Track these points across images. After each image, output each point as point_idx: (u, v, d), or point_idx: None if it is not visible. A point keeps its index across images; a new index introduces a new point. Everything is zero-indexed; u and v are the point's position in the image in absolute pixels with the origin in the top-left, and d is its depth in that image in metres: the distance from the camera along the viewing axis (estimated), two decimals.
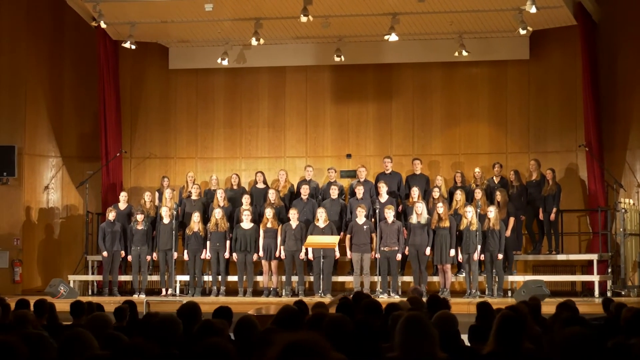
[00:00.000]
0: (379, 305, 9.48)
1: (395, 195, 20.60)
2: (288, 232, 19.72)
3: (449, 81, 22.42)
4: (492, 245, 18.99)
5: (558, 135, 21.81)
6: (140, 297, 19.69)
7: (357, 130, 22.67)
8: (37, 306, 11.66)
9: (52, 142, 22.65)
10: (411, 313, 6.18)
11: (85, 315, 11.94)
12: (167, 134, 23.19)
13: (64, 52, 22.90)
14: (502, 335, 6.63)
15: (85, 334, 5.38)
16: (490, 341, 7.08)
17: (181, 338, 6.71)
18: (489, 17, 20.72)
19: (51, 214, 22.57)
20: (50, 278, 22.00)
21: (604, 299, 12.55)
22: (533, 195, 20.45)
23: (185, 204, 20.72)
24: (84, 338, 5.32)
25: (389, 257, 19.36)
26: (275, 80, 22.98)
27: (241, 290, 20.04)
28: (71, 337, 5.31)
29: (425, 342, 5.98)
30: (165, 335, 6.62)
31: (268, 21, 20.84)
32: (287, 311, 7.69)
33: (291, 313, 7.65)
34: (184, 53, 22.87)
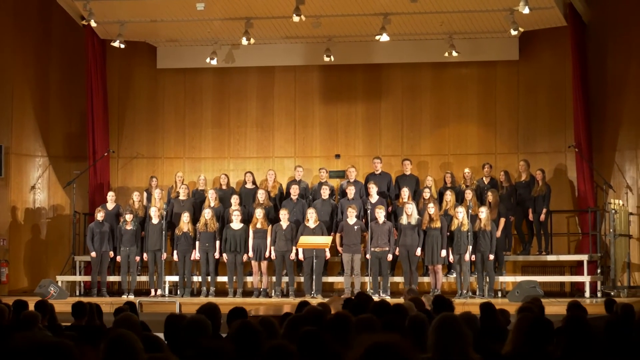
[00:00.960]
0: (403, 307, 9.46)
1: (385, 196, 20.56)
2: (278, 232, 19.64)
3: (439, 82, 22.39)
4: (483, 246, 18.98)
5: (547, 136, 21.82)
6: (129, 297, 19.57)
7: (346, 130, 22.62)
8: (39, 307, 11.53)
9: (39, 141, 22.46)
10: (445, 314, 6.12)
11: (86, 316, 11.87)
12: (154, 133, 23.06)
13: (50, 51, 22.72)
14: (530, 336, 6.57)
15: (131, 336, 5.29)
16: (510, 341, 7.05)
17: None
18: (479, 18, 20.72)
19: (38, 214, 22.39)
20: (36, 278, 21.86)
21: (607, 300, 12.54)
22: (522, 196, 20.45)
23: (174, 204, 20.59)
24: (130, 340, 5.23)
25: (379, 258, 19.32)
26: (263, 80, 22.90)
27: (231, 291, 19.95)
28: (117, 340, 5.22)
29: (459, 342, 5.92)
30: (195, 337, 6.55)
31: (258, 21, 20.76)
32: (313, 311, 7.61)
33: (316, 313, 7.57)
34: (172, 52, 22.76)
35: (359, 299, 11.74)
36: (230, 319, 8.43)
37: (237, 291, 19.87)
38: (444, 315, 6.12)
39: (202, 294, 19.99)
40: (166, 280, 20.27)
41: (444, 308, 11.05)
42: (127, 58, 22.64)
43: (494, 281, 19.21)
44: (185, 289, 20.02)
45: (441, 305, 11.14)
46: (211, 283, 20.02)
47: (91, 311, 12.19)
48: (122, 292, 20.29)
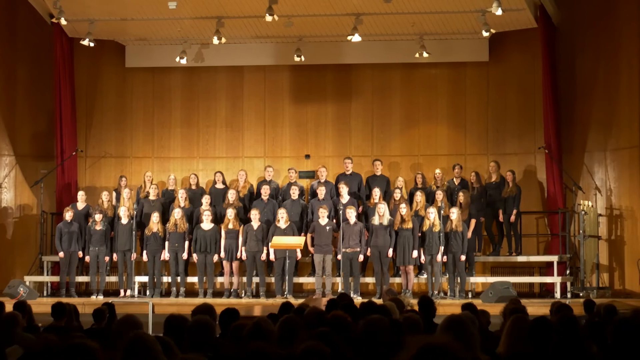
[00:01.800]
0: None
1: (355, 196, 20.54)
2: (249, 232, 19.56)
3: (408, 82, 22.40)
4: (454, 247, 19.03)
5: (517, 137, 21.91)
6: (99, 298, 19.43)
7: (316, 130, 22.58)
8: (18, 307, 11.39)
9: (5, 140, 22.22)
10: (454, 314, 6.10)
11: (66, 316, 11.75)
12: (123, 132, 22.88)
13: (17, 49, 22.47)
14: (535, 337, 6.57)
15: (150, 337, 5.22)
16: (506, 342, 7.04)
17: (215, 341, 6.58)
18: (451, 19, 20.75)
19: (4, 214, 22.15)
20: (2, 279, 21.61)
21: (586, 300, 12.60)
22: (493, 197, 20.51)
23: (144, 204, 20.44)
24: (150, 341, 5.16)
25: (351, 258, 19.29)
26: (233, 80, 22.79)
27: (201, 292, 19.85)
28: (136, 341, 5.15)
29: (468, 343, 5.91)
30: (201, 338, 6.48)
31: (229, 20, 20.67)
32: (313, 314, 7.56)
33: (317, 314, 7.52)
34: (140, 51, 22.60)
35: (342, 299, 11.74)
36: (224, 320, 8.38)
37: (207, 292, 19.77)
38: (453, 315, 6.11)
39: (172, 294, 19.88)
40: (135, 281, 20.09)
41: (429, 309, 11.09)
42: (95, 57, 22.44)
43: (465, 282, 19.23)
44: (155, 290, 19.89)
45: (427, 305, 11.16)
46: (181, 283, 19.89)
47: (69, 312, 12.10)
48: (91, 293, 20.12)
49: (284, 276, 19.37)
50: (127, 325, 6.63)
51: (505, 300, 17.02)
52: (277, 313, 10.49)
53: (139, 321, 6.84)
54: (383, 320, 6.26)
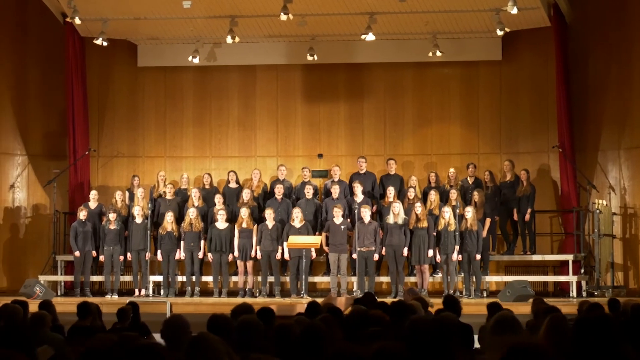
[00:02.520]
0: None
1: (369, 196, 20.52)
2: (264, 232, 19.54)
3: (421, 81, 22.39)
4: (470, 246, 19.01)
5: (530, 136, 21.89)
6: (113, 297, 19.41)
7: (329, 129, 22.55)
8: (44, 307, 11.36)
9: (18, 139, 22.19)
10: (502, 314, 6.08)
11: (91, 316, 11.70)
12: (135, 132, 22.85)
13: (28, 48, 22.43)
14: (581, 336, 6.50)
15: (213, 337, 5.19)
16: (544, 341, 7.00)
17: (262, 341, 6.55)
18: (464, 18, 20.73)
19: (17, 214, 22.12)
20: (15, 278, 21.67)
21: (611, 299, 12.54)
22: (507, 196, 20.49)
23: (160, 204, 20.40)
24: (213, 341, 5.14)
25: (366, 258, 19.27)
26: (245, 79, 22.76)
27: (216, 291, 19.82)
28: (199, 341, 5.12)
29: None
30: (249, 338, 6.45)
31: (243, 19, 20.61)
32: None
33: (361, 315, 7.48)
34: (153, 50, 22.56)
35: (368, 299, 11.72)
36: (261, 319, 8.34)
37: (222, 291, 19.74)
38: (502, 315, 6.09)
39: (187, 294, 19.84)
40: (150, 280, 20.05)
41: (455, 308, 11.05)
42: (107, 56, 22.40)
43: (480, 281, 19.21)
44: (170, 289, 19.85)
45: (453, 305, 11.13)
46: (196, 283, 19.86)
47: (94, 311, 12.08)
48: (105, 292, 20.10)
49: (299, 275, 19.35)
50: (175, 325, 6.59)
51: (523, 300, 17.13)
52: (305, 313, 10.44)
53: (187, 321, 6.80)
54: (454, 318, 6.24)
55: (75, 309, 11.84)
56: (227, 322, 6.98)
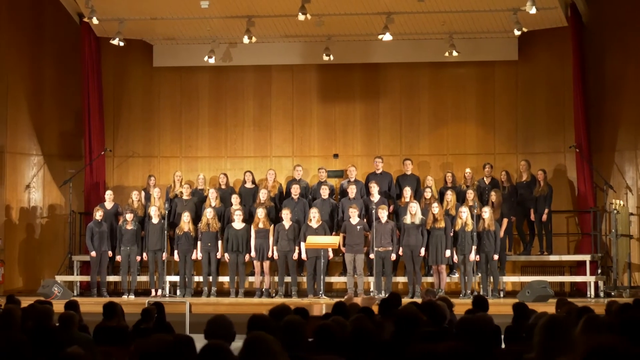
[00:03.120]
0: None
1: (386, 196, 20.49)
2: (281, 232, 19.51)
3: (437, 81, 22.37)
4: (487, 246, 18.97)
5: (546, 137, 21.86)
6: (130, 298, 19.39)
7: (344, 130, 22.53)
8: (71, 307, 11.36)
9: (33, 140, 22.20)
10: (553, 315, 6.05)
11: (117, 316, 11.68)
12: (150, 132, 22.86)
13: (44, 48, 22.45)
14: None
15: (269, 337, 5.17)
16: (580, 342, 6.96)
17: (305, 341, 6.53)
18: (481, 18, 20.71)
19: (32, 214, 22.12)
20: (31, 279, 21.70)
21: (636, 300, 12.50)
22: (523, 196, 20.45)
23: (177, 204, 20.38)
24: (269, 341, 5.11)
25: (383, 258, 19.25)
26: (260, 79, 22.76)
27: (233, 291, 19.79)
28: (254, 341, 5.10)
29: (566, 345, 5.86)
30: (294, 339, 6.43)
31: (259, 19, 20.61)
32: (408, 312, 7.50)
33: (413, 315, 7.44)
34: (168, 51, 22.56)
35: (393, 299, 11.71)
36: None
37: (238, 291, 19.71)
38: (553, 316, 6.06)
39: (204, 294, 19.81)
40: (166, 281, 20.03)
41: (484, 307, 11.06)
42: (122, 56, 22.40)
43: (498, 281, 19.17)
44: (186, 289, 19.82)
45: (482, 304, 11.14)
46: (212, 283, 19.84)
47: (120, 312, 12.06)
48: (121, 292, 20.08)
49: (316, 275, 19.32)
50: (220, 325, 6.56)
51: (543, 300, 17.11)
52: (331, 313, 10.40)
53: (231, 321, 6.78)
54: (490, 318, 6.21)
55: (92, 309, 11.86)
56: (268, 322, 6.96)
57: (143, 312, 12.49)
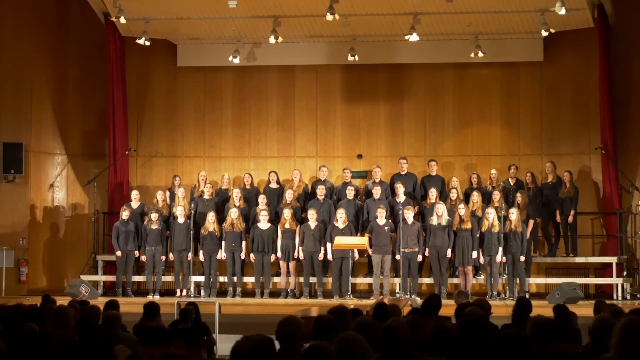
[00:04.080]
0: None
1: (410, 196, 20.45)
2: (307, 232, 19.47)
3: (461, 82, 22.33)
4: (514, 247, 18.92)
5: (571, 138, 21.81)
6: (155, 298, 19.35)
7: (369, 130, 22.50)
8: (112, 306, 11.36)
9: (57, 139, 22.22)
10: (633, 317, 6.01)
11: (157, 316, 11.64)
12: (174, 132, 22.85)
13: (68, 47, 22.48)
14: None
15: (361, 338, 5.15)
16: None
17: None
18: (507, 18, 20.68)
19: (56, 213, 22.13)
20: (55, 278, 21.77)
21: None
22: (549, 198, 20.41)
23: (199, 203, 20.34)
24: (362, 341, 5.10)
25: (409, 259, 19.21)
26: (284, 79, 22.73)
27: (258, 292, 19.74)
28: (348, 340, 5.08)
29: None
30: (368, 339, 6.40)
31: (286, 19, 20.59)
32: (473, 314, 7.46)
33: (478, 316, 7.41)
34: (192, 50, 22.54)
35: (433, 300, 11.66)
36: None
37: (263, 292, 19.67)
38: (633, 317, 6.02)
39: (229, 294, 19.77)
40: (192, 281, 19.99)
41: (528, 308, 11.02)
42: (146, 56, 22.37)
43: (524, 283, 19.12)
44: (211, 290, 19.78)
45: (525, 306, 11.10)
46: (237, 283, 19.80)
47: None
48: (145, 292, 20.06)
49: (341, 276, 19.28)
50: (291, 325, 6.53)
51: (573, 302, 17.03)
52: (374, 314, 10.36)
53: (300, 322, 6.75)
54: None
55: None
56: (332, 323, 6.92)
57: (181, 312, 12.50)
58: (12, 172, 20.93)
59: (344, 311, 7.73)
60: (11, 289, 20.36)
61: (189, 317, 12.38)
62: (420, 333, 7.35)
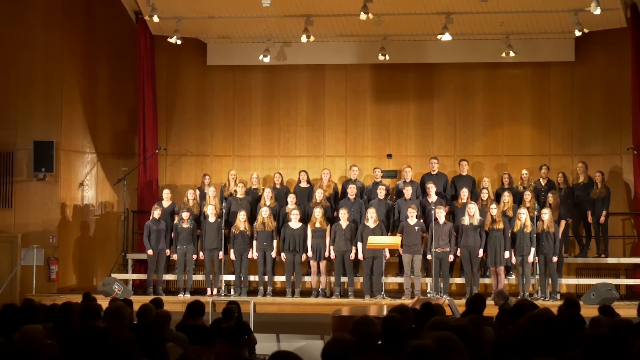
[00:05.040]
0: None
1: (441, 196, 20.41)
2: (338, 232, 19.44)
3: (491, 82, 22.28)
4: (546, 248, 18.85)
5: (602, 138, 21.74)
6: (186, 297, 19.35)
7: (398, 130, 22.47)
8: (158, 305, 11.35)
9: (87, 137, 22.24)
10: None
11: (203, 315, 11.63)
12: (203, 131, 22.86)
13: (98, 46, 22.50)
14: None
15: (457, 337, 5.12)
16: None
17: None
18: (540, 18, 20.63)
19: (86, 211, 22.14)
20: (84, 276, 21.79)
21: None
22: (580, 198, 20.33)
23: (231, 203, 20.32)
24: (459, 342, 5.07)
25: (441, 259, 19.16)
26: (314, 79, 22.72)
27: (289, 291, 19.71)
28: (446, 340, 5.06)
29: None
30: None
31: (318, 18, 20.58)
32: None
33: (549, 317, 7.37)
34: (222, 49, 22.55)
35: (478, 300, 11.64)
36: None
37: (294, 291, 19.65)
38: None
39: (259, 293, 19.73)
40: (222, 279, 19.97)
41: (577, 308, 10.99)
42: (176, 54, 22.39)
43: (557, 283, 19.05)
44: (242, 289, 19.77)
45: (574, 306, 11.06)
46: (268, 282, 19.78)
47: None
48: (175, 291, 20.05)
49: (372, 276, 19.25)
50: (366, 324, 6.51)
51: (608, 302, 16.90)
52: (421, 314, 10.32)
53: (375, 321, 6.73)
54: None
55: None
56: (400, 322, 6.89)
57: (224, 312, 12.49)
58: (43, 171, 20.94)
59: (406, 310, 7.69)
60: (41, 287, 20.37)
61: (231, 316, 12.38)
62: (482, 334, 7.30)
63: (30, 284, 20.16)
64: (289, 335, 18.38)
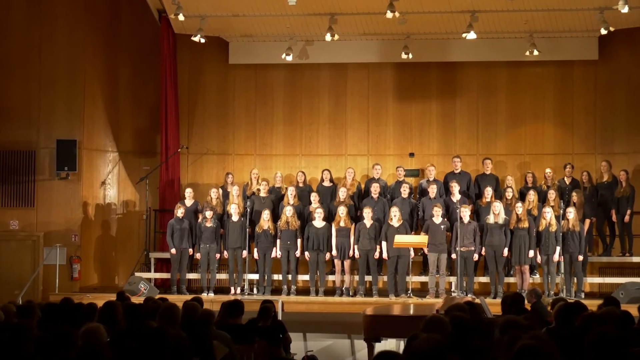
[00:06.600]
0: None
1: (465, 195, 20.36)
2: (362, 231, 19.38)
3: (514, 81, 22.23)
4: (572, 247, 18.80)
5: (625, 137, 21.69)
6: (209, 295, 19.31)
7: (420, 128, 22.42)
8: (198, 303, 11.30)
9: (109, 136, 22.22)
10: None
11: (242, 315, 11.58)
12: (225, 129, 22.83)
13: (120, 44, 22.50)
14: None
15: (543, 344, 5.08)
16: None
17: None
18: (564, 17, 20.59)
19: (108, 210, 22.12)
20: (106, 275, 21.76)
21: None
22: (604, 197, 20.27)
23: (254, 201, 20.27)
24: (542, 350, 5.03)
25: (465, 258, 19.10)
26: (336, 77, 22.68)
27: (312, 290, 19.66)
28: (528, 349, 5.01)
29: None
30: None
31: (342, 17, 20.55)
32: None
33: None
34: (244, 48, 22.51)
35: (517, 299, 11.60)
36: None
37: (318, 290, 19.60)
38: None
39: (283, 292, 19.68)
40: (246, 278, 19.92)
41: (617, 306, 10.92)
42: (198, 53, 22.37)
43: (582, 282, 19.00)
44: (266, 288, 19.72)
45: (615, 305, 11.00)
46: (292, 281, 19.74)
47: None
48: (198, 290, 20.01)
49: (397, 275, 19.20)
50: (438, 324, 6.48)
51: (637, 301, 16.85)
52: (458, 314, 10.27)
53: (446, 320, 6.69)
54: None
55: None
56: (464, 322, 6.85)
57: (261, 310, 12.46)
58: (66, 169, 20.91)
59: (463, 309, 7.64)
60: (64, 285, 20.30)
61: (268, 315, 12.34)
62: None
63: (53, 283, 20.08)
64: (316, 334, 18.35)
